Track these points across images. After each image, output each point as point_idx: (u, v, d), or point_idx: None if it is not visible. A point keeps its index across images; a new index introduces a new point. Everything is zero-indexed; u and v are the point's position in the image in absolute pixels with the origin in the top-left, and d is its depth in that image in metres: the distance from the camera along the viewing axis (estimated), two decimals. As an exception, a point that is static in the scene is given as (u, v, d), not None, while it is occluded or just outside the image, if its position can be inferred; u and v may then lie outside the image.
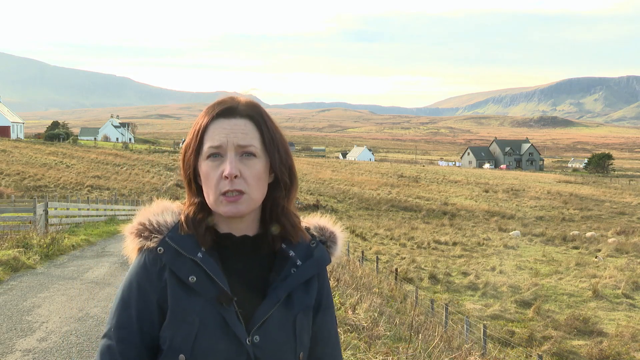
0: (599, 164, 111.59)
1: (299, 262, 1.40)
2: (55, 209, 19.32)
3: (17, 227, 14.50)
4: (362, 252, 22.30)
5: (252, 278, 1.37)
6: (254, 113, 1.40)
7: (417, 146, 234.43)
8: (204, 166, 1.36)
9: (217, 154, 1.34)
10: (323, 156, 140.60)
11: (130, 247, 1.39)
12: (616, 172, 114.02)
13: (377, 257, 20.35)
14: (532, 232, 35.34)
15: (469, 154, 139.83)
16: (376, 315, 7.61)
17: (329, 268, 10.88)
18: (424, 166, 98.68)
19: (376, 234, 32.49)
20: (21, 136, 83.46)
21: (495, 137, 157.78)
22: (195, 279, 1.30)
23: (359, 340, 5.86)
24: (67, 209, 20.49)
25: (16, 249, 11.39)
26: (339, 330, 5.72)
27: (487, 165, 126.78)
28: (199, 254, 1.32)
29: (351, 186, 58.31)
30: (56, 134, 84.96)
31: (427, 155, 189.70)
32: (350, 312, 7.26)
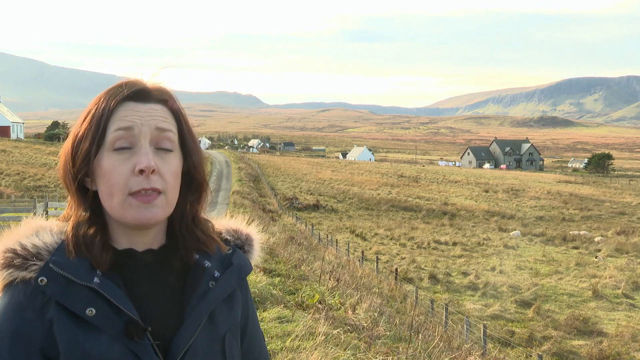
0: (599, 164, 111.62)
1: (216, 274, 1.16)
2: (56, 209, 19.34)
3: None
4: (362, 252, 22.32)
5: (164, 300, 1.11)
6: (169, 99, 1.15)
7: (417, 146, 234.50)
8: (107, 160, 1.07)
9: (126, 147, 1.07)
10: (323, 156, 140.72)
11: None
12: (616, 172, 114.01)
13: (377, 257, 20.35)
14: (532, 232, 35.33)
15: (469, 154, 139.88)
16: (376, 315, 7.60)
17: (328, 268, 10.87)
18: (424, 166, 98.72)
19: (376, 234, 32.49)
20: (21, 136, 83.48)
21: (495, 137, 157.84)
22: (94, 311, 1.02)
23: (359, 340, 5.86)
24: (67, 209, 20.51)
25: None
26: (339, 330, 5.73)
27: (487, 165, 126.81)
28: (96, 279, 1.05)
29: (351, 186, 58.30)
30: (56, 134, 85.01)
31: (427, 155, 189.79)
32: (350, 312, 7.26)
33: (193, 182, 1.17)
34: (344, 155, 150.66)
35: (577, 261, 24.65)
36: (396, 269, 19.28)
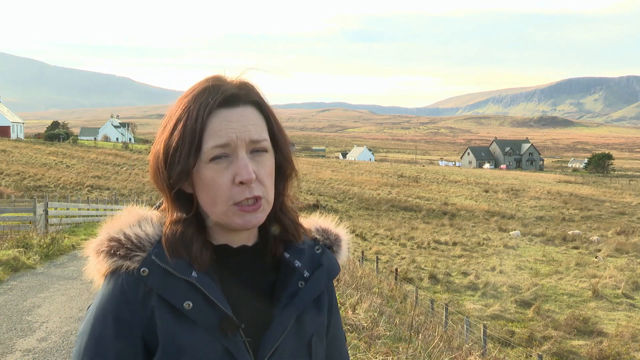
0: (599, 164, 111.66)
1: (306, 274, 1.17)
2: (55, 209, 19.32)
3: (17, 227, 14.51)
4: (362, 252, 22.30)
5: (255, 298, 1.13)
6: (257, 97, 1.14)
7: (417, 146, 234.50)
8: (206, 170, 1.08)
9: (222, 156, 1.08)
10: (323, 156, 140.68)
11: (96, 270, 1.11)
12: (616, 172, 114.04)
13: (377, 257, 20.35)
14: (532, 232, 35.34)
15: (469, 154, 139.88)
16: (376, 315, 7.61)
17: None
18: (424, 166, 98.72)
19: (376, 234, 32.49)
20: (21, 136, 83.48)
21: (495, 137, 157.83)
22: (191, 304, 1.05)
23: (359, 340, 5.86)
24: (67, 209, 20.49)
25: (16, 249, 11.40)
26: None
27: (487, 165, 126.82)
28: (194, 273, 1.07)
29: (351, 186, 58.31)
30: (56, 134, 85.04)
31: (427, 155, 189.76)
32: (350, 312, 7.26)
33: (283, 172, 1.18)
34: (344, 155, 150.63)
35: (577, 261, 24.64)
36: (396, 269, 19.28)
